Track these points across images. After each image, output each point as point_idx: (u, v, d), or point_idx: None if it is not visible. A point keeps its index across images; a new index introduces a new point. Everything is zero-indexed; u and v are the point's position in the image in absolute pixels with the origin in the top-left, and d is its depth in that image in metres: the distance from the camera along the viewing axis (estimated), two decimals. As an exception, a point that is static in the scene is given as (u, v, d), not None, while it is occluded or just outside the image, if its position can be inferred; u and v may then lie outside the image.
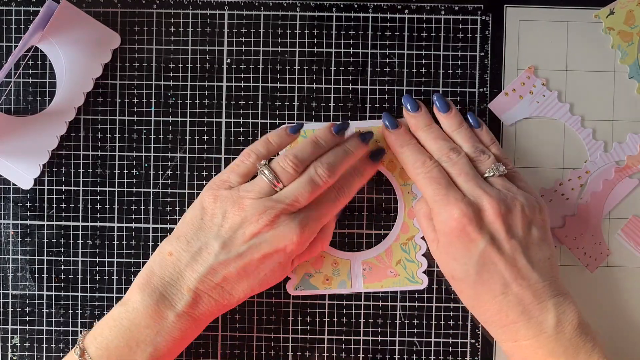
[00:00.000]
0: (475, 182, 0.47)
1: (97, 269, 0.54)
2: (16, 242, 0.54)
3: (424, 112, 0.51)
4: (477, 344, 0.54)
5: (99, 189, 0.54)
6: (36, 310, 0.54)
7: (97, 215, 0.54)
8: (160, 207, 0.54)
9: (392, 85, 0.53)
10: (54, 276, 0.54)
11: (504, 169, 0.49)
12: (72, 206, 0.54)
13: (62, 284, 0.54)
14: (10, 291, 0.54)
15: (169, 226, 0.54)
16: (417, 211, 0.51)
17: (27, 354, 0.54)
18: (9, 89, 0.53)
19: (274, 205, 0.46)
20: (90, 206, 0.54)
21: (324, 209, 0.48)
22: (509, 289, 0.46)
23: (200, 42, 0.53)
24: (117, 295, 0.54)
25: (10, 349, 0.54)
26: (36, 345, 0.54)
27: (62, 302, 0.54)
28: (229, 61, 0.53)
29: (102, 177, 0.54)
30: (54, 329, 0.54)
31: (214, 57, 0.53)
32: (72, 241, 0.54)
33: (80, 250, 0.54)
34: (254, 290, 0.47)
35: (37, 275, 0.54)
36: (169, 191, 0.54)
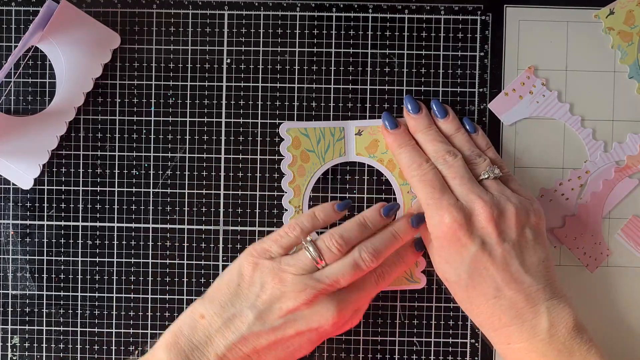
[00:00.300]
0: (469, 185, 0.48)
1: (97, 269, 0.54)
2: (16, 242, 0.54)
3: (425, 114, 0.51)
4: (477, 344, 0.54)
5: (99, 189, 0.54)
6: (36, 310, 0.54)
7: (97, 215, 0.54)
8: (160, 207, 0.54)
9: (392, 85, 0.53)
10: (54, 276, 0.54)
11: (499, 171, 0.49)
12: (72, 206, 0.54)
13: (62, 284, 0.54)
14: (10, 291, 0.54)
15: (169, 226, 0.54)
16: (415, 212, 0.51)
17: (27, 354, 0.54)
18: (9, 89, 0.53)
19: (315, 284, 0.45)
20: (90, 206, 0.54)
21: (363, 292, 0.48)
22: (502, 292, 0.46)
23: (200, 42, 0.53)
24: (117, 295, 0.54)
25: (10, 349, 0.54)
26: (36, 345, 0.54)
27: (62, 302, 0.54)
28: (229, 61, 0.53)
29: (102, 177, 0.54)
30: (54, 329, 0.54)
31: (214, 57, 0.53)
32: (72, 241, 0.54)
33: (80, 250, 0.54)
34: None
35: (37, 275, 0.54)
36: (169, 191, 0.54)
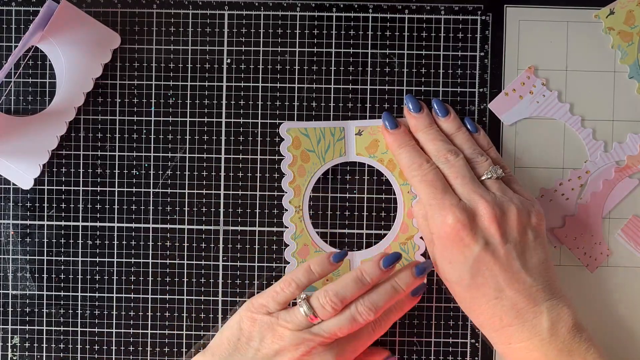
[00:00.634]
0: (471, 185, 0.47)
1: (97, 269, 0.54)
2: (16, 242, 0.54)
3: (426, 113, 0.51)
4: (477, 344, 0.54)
5: (99, 189, 0.54)
6: (36, 310, 0.54)
7: (97, 215, 0.54)
8: (160, 207, 0.54)
9: (392, 85, 0.53)
10: (54, 276, 0.54)
11: (502, 172, 0.49)
12: (72, 206, 0.54)
13: (62, 284, 0.54)
14: (10, 291, 0.54)
15: (169, 226, 0.54)
16: (416, 212, 0.51)
17: (27, 354, 0.54)
18: (9, 89, 0.53)
19: (312, 337, 0.47)
20: (90, 206, 0.54)
21: (360, 341, 0.49)
22: (503, 293, 0.46)
23: (200, 42, 0.53)
24: (117, 295, 0.54)
25: (10, 349, 0.54)
26: (36, 345, 0.54)
27: (62, 302, 0.54)
28: (229, 61, 0.53)
29: (102, 177, 0.54)
30: (54, 329, 0.54)
31: (214, 57, 0.53)
32: (72, 241, 0.54)
33: (80, 250, 0.54)
34: None
35: (37, 275, 0.54)
36: (169, 191, 0.54)
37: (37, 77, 0.53)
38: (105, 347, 0.54)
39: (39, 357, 0.54)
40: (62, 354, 0.54)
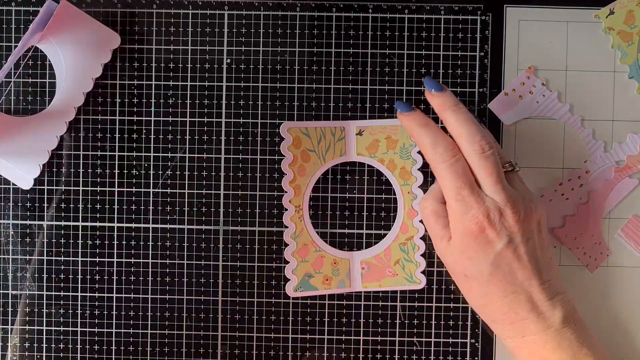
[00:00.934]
0: (501, 184, 0.47)
1: (97, 269, 0.54)
2: (16, 242, 0.54)
3: (450, 93, 0.49)
4: (477, 344, 0.54)
5: (98, 189, 0.54)
6: (36, 310, 0.54)
7: (97, 215, 0.54)
8: (160, 207, 0.54)
9: (392, 85, 0.53)
10: (54, 276, 0.54)
11: (519, 167, 0.50)
12: (72, 206, 0.54)
13: (62, 284, 0.54)
14: (10, 291, 0.54)
15: (169, 226, 0.54)
16: (423, 208, 0.50)
17: (27, 354, 0.54)
18: (8, 89, 0.53)
19: None
20: (90, 206, 0.54)
21: None
22: (521, 288, 0.46)
23: (200, 42, 0.53)
24: (117, 295, 0.54)
25: (10, 349, 0.54)
26: (36, 345, 0.54)
27: (62, 302, 0.54)
28: (229, 61, 0.53)
29: (102, 177, 0.54)
30: (54, 329, 0.54)
31: (214, 57, 0.53)
32: (72, 241, 0.54)
33: (80, 250, 0.54)
34: None
35: (37, 275, 0.54)
36: (169, 191, 0.54)
37: (37, 77, 0.53)
38: (105, 347, 0.54)
39: (38, 357, 0.54)
40: (62, 354, 0.54)
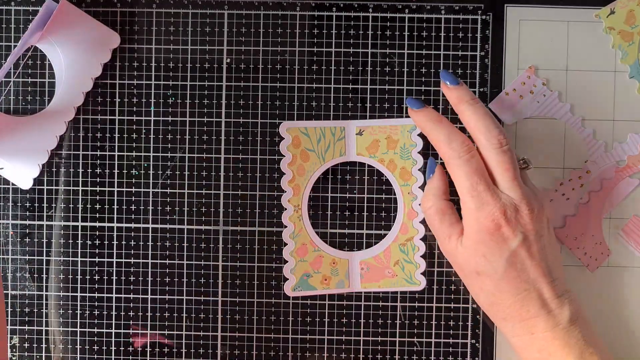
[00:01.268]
0: (518, 180, 0.47)
1: (97, 269, 0.54)
2: (16, 242, 0.54)
3: (465, 86, 0.49)
4: (477, 344, 0.54)
5: (98, 189, 0.54)
6: (36, 310, 0.54)
7: (97, 215, 0.54)
8: (160, 207, 0.54)
9: (392, 85, 0.53)
10: (53, 276, 0.54)
11: (532, 164, 0.50)
12: (71, 206, 0.54)
13: (62, 284, 0.54)
14: (10, 291, 0.54)
15: (168, 226, 0.54)
16: (426, 209, 0.50)
17: (27, 354, 0.54)
18: (8, 89, 0.53)
19: None
20: (90, 206, 0.54)
21: None
22: (533, 285, 0.47)
23: (200, 42, 0.53)
24: (116, 295, 0.54)
25: (10, 349, 0.54)
26: (36, 345, 0.54)
27: (62, 302, 0.54)
28: (228, 61, 0.53)
29: (102, 177, 0.54)
30: (54, 329, 0.54)
31: (213, 57, 0.53)
32: (72, 241, 0.54)
33: (80, 250, 0.54)
34: None
35: (37, 275, 0.54)
36: (169, 191, 0.54)
37: (36, 76, 0.53)
38: (105, 347, 0.54)
39: (38, 357, 0.54)
40: (62, 354, 0.54)
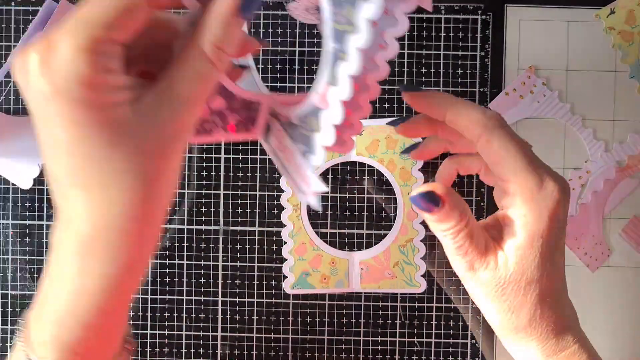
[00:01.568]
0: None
1: (97, 268, 0.54)
2: (16, 242, 0.54)
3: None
4: (477, 344, 0.54)
5: (98, 189, 0.54)
6: (36, 310, 0.54)
7: (97, 215, 0.54)
8: (160, 207, 0.54)
9: (392, 85, 0.53)
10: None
11: None
12: (71, 206, 0.54)
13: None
14: (10, 291, 0.54)
15: (169, 226, 0.54)
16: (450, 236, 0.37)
17: (27, 353, 0.54)
18: (8, 89, 0.53)
19: None
20: (90, 206, 0.54)
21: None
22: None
23: (200, 42, 0.53)
24: (116, 295, 0.54)
25: (10, 349, 0.54)
26: (36, 345, 0.54)
27: (62, 302, 0.54)
28: (228, 61, 0.53)
29: (101, 177, 0.54)
30: (54, 328, 0.54)
31: (213, 57, 0.53)
32: (72, 241, 0.54)
33: (80, 250, 0.54)
34: None
35: (37, 275, 0.54)
36: (169, 191, 0.54)
37: (36, 77, 0.53)
38: (105, 347, 0.54)
39: (38, 357, 0.54)
40: (62, 354, 0.54)
